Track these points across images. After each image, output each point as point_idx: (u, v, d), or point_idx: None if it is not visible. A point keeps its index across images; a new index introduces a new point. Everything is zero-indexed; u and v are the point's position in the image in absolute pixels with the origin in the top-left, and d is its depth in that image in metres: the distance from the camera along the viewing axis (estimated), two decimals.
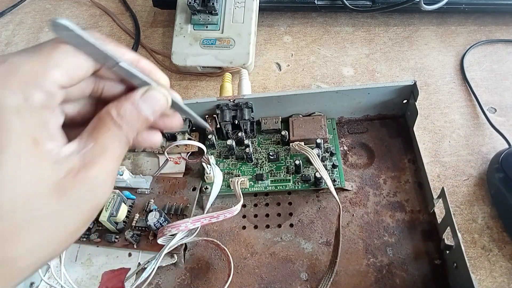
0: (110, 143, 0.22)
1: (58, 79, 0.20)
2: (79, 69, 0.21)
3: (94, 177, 0.21)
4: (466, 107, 0.44)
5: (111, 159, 0.22)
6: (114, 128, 0.22)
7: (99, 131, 0.22)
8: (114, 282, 0.35)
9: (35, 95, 0.20)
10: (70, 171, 0.20)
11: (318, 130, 0.39)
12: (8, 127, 0.19)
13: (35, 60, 0.20)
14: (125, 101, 0.23)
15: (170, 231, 0.32)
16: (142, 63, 0.24)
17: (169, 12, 0.57)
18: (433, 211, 0.36)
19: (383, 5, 0.49)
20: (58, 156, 0.20)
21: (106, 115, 0.22)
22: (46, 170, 0.20)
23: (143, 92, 0.23)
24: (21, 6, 0.62)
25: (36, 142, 0.20)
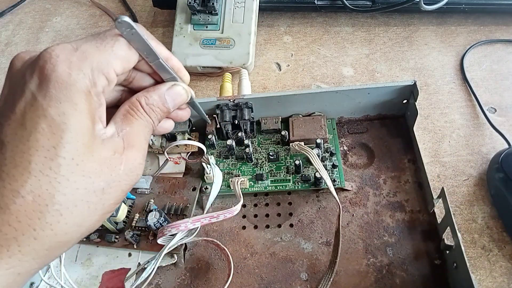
0: (142, 128, 0.25)
1: (117, 69, 0.23)
2: (131, 61, 0.24)
3: (134, 158, 0.24)
4: (466, 107, 0.44)
5: (143, 142, 0.25)
6: (144, 115, 0.25)
7: (132, 117, 0.25)
8: (114, 282, 0.35)
9: (101, 80, 0.22)
10: (116, 151, 0.23)
11: (318, 130, 0.39)
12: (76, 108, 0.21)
13: (102, 51, 0.23)
14: (153, 92, 0.26)
15: (170, 231, 0.32)
16: (173, 60, 0.27)
17: (169, 12, 0.57)
18: (433, 211, 0.36)
19: (383, 5, 0.49)
20: (105, 136, 0.23)
21: (137, 103, 0.25)
22: (97, 149, 0.22)
23: (169, 86, 0.26)
24: (21, 6, 0.62)
25: (93, 121, 0.22)
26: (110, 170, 0.23)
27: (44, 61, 0.21)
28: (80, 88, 0.21)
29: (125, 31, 0.23)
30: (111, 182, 0.23)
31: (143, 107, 0.25)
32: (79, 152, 0.21)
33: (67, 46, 0.22)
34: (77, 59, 0.22)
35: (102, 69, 0.22)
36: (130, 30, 0.23)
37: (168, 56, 0.26)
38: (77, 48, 0.22)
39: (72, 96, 0.21)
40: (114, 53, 0.23)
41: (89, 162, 0.22)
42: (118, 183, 0.23)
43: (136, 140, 0.24)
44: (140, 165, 0.25)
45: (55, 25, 0.59)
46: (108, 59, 0.23)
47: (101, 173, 0.22)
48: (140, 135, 0.25)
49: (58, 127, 0.21)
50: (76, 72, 0.21)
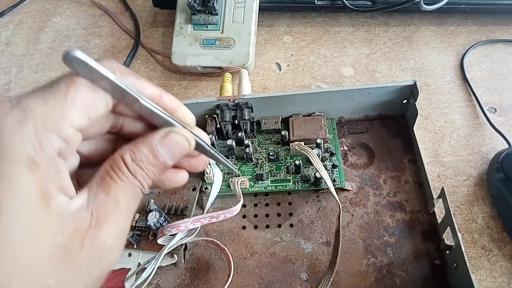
0: (123, 195, 0.19)
1: (75, 122, 0.18)
2: (98, 108, 0.19)
3: (104, 238, 0.18)
4: (466, 107, 0.44)
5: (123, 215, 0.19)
6: (128, 177, 0.19)
7: (111, 181, 0.19)
8: (114, 282, 0.35)
9: (51, 142, 0.17)
10: (77, 231, 0.18)
11: (318, 130, 0.39)
12: (16, 183, 0.16)
13: (50, 102, 0.17)
14: (142, 145, 0.20)
15: (170, 231, 0.32)
16: (164, 98, 0.21)
17: (169, 12, 0.57)
18: (433, 211, 0.36)
19: (383, 5, 0.49)
20: (66, 212, 0.18)
21: (119, 161, 0.19)
22: (52, 230, 0.17)
23: (163, 135, 0.20)
24: (21, 6, 0.62)
25: (45, 197, 0.17)
26: (64, 261, 0.17)
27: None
28: (19, 158, 0.16)
29: (80, 69, 0.17)
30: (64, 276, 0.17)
31: (127, 165, 0.19)
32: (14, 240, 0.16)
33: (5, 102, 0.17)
34: (14, 119, 0.17)
35: (51, 127, 0.17)
36: (85, 66, 0.17)
37: (156, 94, 0.20)
38: (16, 104, 0.17)
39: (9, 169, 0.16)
40: (69, 102, 0.17)
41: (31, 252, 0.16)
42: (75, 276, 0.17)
43: (111, 212, 0.18)
44: (112, 247, 0.19)
45: (55, 25, 0.59)
46: (59, 112, 0.17)
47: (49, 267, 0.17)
48: (119, 205, 0.19)
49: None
50: (14, 138, 0.16)
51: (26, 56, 0.56)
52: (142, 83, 0.20)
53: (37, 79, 0.53)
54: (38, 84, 0.52)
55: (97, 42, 0.56)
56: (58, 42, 0.57)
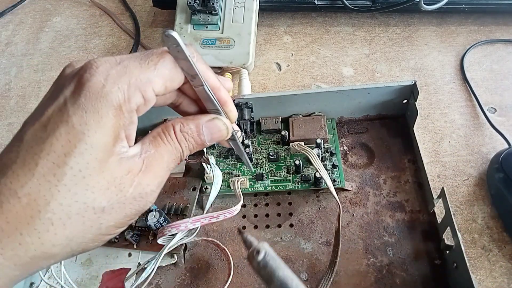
0: (168, 154, 0.24)
1: (157, 88, 0.22)
2: (174, 81, 0.23)
3: (148, 182, 0.23)
4: (466, 107, 0.44)
5: (164, 169, 0.24)
6: (174, 142, 0.24)
7: (161, 141, 0.23)
8: (114, 282, 0.35)
9: (136, 98, 0.22)
10: (131, 171, 0.22)
11: (318, 130, 0.39)
12: (101, 121, 0.21)
13: (143, 67, 0.22)
14: (191, 121, 0.25)
15: (170, 231, 0.32)
16: (221, 92, 0.25)
17: (169, 12, 0.57)
18: (433, 211, 0.36)
19: (383, 5, 0.49)
20: (124, 155, 0.22)
21: (170, 128, 0.24)
22: (111, 166, 0.21)
23: (209, 119, 0.25)
24: (21, 6, 0.62)
25: (116, 139, 0.22)
26: (117, 190, 0.21)
27: (84, 70, 0.21)
28: (111, 101, 0.21)
29: (171, 47, 0.22)
30: (115, 203, 0.22)
31: (175, 133, 0.24)
32: (89, 165, 0.21)
33: (110, 59, 0.22)
34: (115, 73, 0.21)
35: (140, 86, 0.22)
36: (175, 46, 0.21)
37: (217, 86, 0.25)
38: (119, 62, 0.22)
39: (99, 108, 0.21)
40: (157, 71, 0.22)
41: (97, 177, 0.21)
42: (122, 206, 0.22)
43: (156, 165, 0.23)
44: (153, 192, 0.23)
45: (55, 25, 0.59)
46: (148, 77, 0.22)
47: (106, 191, 0.21)
48: (163, 161, 0.23)
49: (75, 136, 0.20)
50: (110, 85, 0.21)
51: (26, 56, 0.56)
52: (209, 73, 0.25)
53: (37, 79, 0.53)
54: (38, 84, 0.52)
55: (97, 42, 0.56)
56: (58, 42, 0.57)
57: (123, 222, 0.23)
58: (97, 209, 0.21)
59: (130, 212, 0.23)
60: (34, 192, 0.20)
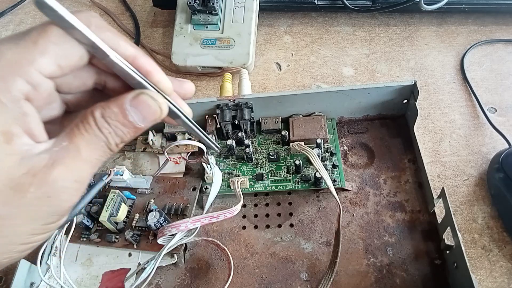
0: (85, 145, 0.19)
1: (45, 68, 0.19)
2: (70, 58, 0.19)
3: (56, 178, 0.19)
4: (466, 107, 0.44)
5: (81, 162, 0.20)
6: (93, 130, 0.20)
7: (77, 132, 0.19)
8: (114, 282, 0.35)
9: (17, 85, 0.18)
10: (33, 168, 0.18)
11: (318, 130, 0.39)
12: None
13: (20, 47, 0.18)
14: (113, 103, 0.20)
15: (170, 231, 0.32)
16: (140, 60, 0.21)
17: (169, 12, 0.57)
18: (433, 211, 0.36)
19: (383, 5, 0.49)
20: (29, 153, 0.18)
21: (89, 115, 0.20)
22: (10, 166, 0.18)
23: (133, 96, 0.20)
24: (21, 6, 0.62)
25: (8, 134, 0.18)
26: (14, 192, 0.18)
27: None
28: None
29: (52, 16, 0.17)
30: (15, 207, 0.18)
31: (95, 120, 0.20)
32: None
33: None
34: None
35: (18, 70, 0.18)
36: (55, 14, 0.17)
37: (132, 54, 0.20)
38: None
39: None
40: (38, 49, 0.18)
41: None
42: (26, 209, 0.18)
43: (69, 158, 0.19)
44: (66, 188, 0.19)
45: None
46: (27, 57, 0.18)
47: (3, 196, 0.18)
48: (80, 153, 0.19)
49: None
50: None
51: None
52: (119, 40, 0.20)
53: None
54: None
55: None
56: None
57: (37, 228, 0.19)
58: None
59: (40, 215, 0.19)
60: None
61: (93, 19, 0.19)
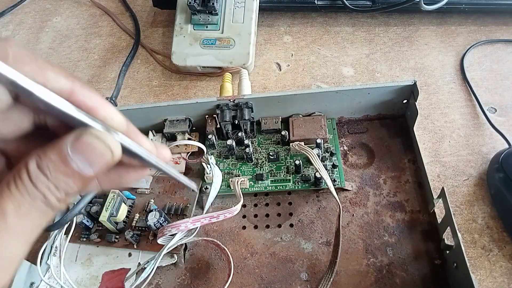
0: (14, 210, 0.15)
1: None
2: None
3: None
4: (466, 107, 0.44)
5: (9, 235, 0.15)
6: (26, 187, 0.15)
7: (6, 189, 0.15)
8: (114, 282, 0.35)
9: None
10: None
11: (318, 130, 0.39)
12: None
13: None
14: (51, 150, 0.16)
15: (170, 231, 0.32)
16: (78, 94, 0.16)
17: (169, 12, 0.57)
18: (433, 211, 0.36)
19: (383, 5, 0.49)
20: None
21: (21, 169, 0.16)
22: None
23: (74, 138, 0.16)
24: (21, 6, 0.62)
25: None
26: None
27: None
28: None
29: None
30: None
31: (29, 173, 0.15)
32: None
33: None
34: None
35: None
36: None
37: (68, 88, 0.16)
38: None
39: None
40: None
41: None
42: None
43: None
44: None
45: (55, 25, 0.59)
46: None
47: None
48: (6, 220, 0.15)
49: None
50: None
51: None
52: (47, 72, 0.16)
53: None
54: None
55: (97, 42, 0.56)
56: (58, 42, 0.57)
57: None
58: None
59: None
60: None
61: (10, 49, 0.15)
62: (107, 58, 0.54)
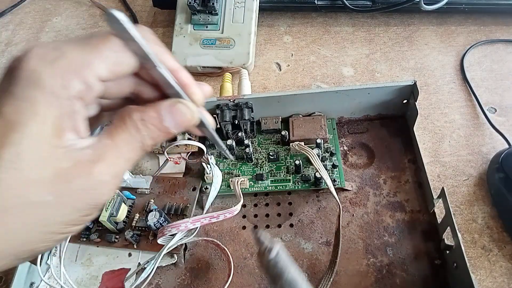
0: (125, 144, 0.22)
1: (100, 72, 0.20)
2: (122, 65, 0.21)
3: (98, 173, 0.21)
4: (466, 107, 0.44)
5: (121, 159, 0.22)
6: (132, 131, 0.22)
7: (117, 130, 0.22)
8: (114, 282, 0.35)
9: (74, 84, 0.20)
10: (79, 162, 0.20)
11: (318, 130, 0.39)
12: (35, 109, 0.19)
13: (82, 50, 0.20)
14: (151, 108, 0.22)
15: (170, 231, 0.32)
16: (181, 73, 0.24)
17: (169, 12, 0.57)
18: (433, 211, 0.36)
19: (383, 5, 0.49)
20: (73, 147, 0.20)
21: (128, 116, 0.22)
22: (55, 158, 0.19)
23: (170, 103, 0.23)
24: (21, 6, 0.62)
25: (57, 130, 0.20)
26: (62, 182, 0.20)
27: (19, 58, 0.19)
28: (44, 88, 0.19)
29: (116, 27, 0.20)
30: (60, 196, 0.20)
31: (134, 122, 0.22)
32: (24, 157, 0.19)
33: (48, 44, 0.20)
34: (52, 57, 0.19)
35: (78, 70, 0.20)
36: (119, 26, 0.20)
37: (175, 68, 0.23)
38: (57, 47, 0.20)
39: (33, 95, 0.19)
40: (98, 54, 0.20)
41: (36, 169, 0.19)
42: (70, 199, 0.20)
43: (111, 154, 0.21)
44: (107, 182, 0.21)
45: (55, 25, 0.59)
46: (87, 60, 0.20)
47: (48, 184, 0.19)
48: (120, 150, 0.21)
49: (7, 126, 0.19)
50: (44, 70, 0.19)
51: None
52: (166, 55, 0.23)
53: None
54: None
55: None
56: None
57: (75, 219, 0.21)
58: (39, 203, 0.19)
59: (81, 206, 0.21)
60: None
61: (146, 34, 0.22)
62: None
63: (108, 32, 0.21)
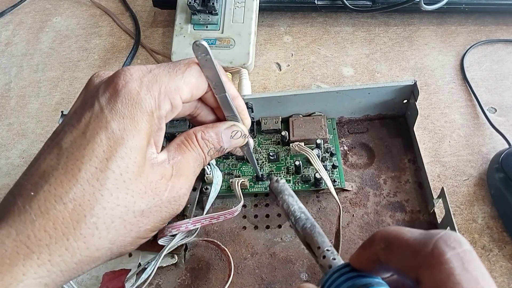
0: (193, 160, 0.25)
1: (184, 95, 0.24)
2: (199, 89, 0.25)
3: (180, 187, 0.24)
4: (466, 107, 0.44)
5: (192, 174, 0.25)
6: (197, 148, 0.25)
7: (186, 148, 0.25)
8: (114, 282, 0.35)
9: (166, 104, 0.23)
10: (164, 177, 0.23)
11: (318, 130, 0.39)
12: (137, 125, 0.22)
13: (173, 75, 0.23)
14: (211, 129, 0.26)
15: (170, 232, 0.32)
16: (239, 100, 0.27)
17: (169, 12, 0.57)
18: (433, 211, 0.36)
19: (383, 5, 0.49)
20: (155, 161, 0.23)
21: (192, 135, 0.25)
22: (147, 171, 0.22)
23: (228, 126, 0.27)
24: (21, 6, 0.62)
25: (148, 143, 0.23)
26: (154, 194, 0.23)
27: (118, 78, 0.22)
28: (145, 107, 0.22)
29: (200, 56, 0.23)
30: (152, 206, 0.23)
31: (197, 140, 0.25)
32: (128, 169, 0.22)
33: (142, 67, 0.23)
34: (148, 80, 0.22)
35: (169, 93, 0.23)
36: (205, 55, 0.23)
37: (235, 95, 0.26)
38: (150, 70, 0.23)
39: (135, 113, 0.22)
40: (184, 79, 0.23)
41: (135, 181, 0.22)
42: (159, 209, 0.23)
43: (185, 170, 0.24)
44: (185, 195, 0.25)
45: (55, 25, 0.59)
46: (177, 84, 0.23)
47: (144, 195, 0.22)
48: (190, 166, 0.25)
49: (116, 141, 0.21)
50: (144, 92, 0.22)
51: (26, 56, 0.56)
52: (229, 82, 0.26)
53: (37, 79, 0.53)
54: (38, 84, 0.52)
55: (97, 42, 0.56)
56: (58, 42, 0.57)
57: (158, 226, 0.24)
58: (137, 212, 0.22)
59: (165, 216, 0.24)
60: (79, 197, 0.20)
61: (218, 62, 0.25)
62: (107, 58, 0.54)
63: (190, 60, 0.24)
